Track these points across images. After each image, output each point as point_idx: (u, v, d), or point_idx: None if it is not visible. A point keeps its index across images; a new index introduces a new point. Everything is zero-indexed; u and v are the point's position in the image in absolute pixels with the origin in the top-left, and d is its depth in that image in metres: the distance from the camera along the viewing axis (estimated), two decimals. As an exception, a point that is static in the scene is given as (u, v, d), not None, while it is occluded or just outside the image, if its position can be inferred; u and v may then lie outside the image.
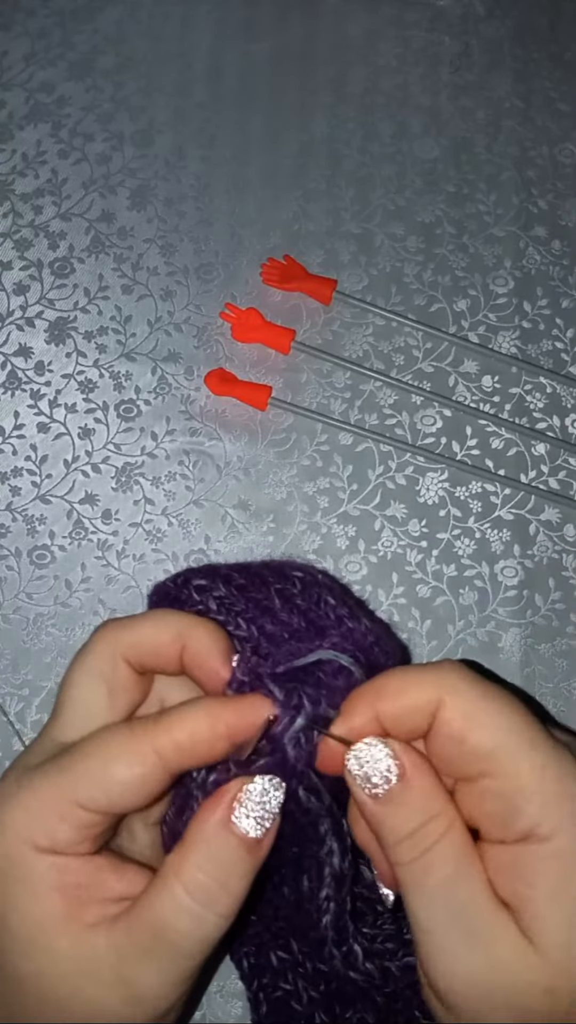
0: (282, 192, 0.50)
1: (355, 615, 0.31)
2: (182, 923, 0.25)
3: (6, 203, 0.49)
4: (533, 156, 0.51)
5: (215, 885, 0.26)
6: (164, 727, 0.27)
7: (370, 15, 0.54)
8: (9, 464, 0.45)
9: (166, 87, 0.52)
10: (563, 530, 0.44)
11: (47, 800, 0.26)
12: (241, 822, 0.26)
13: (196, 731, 0.27)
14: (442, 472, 0.45)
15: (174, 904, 0.25)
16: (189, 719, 0.27)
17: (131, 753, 0.26)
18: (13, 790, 0.27)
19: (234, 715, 0.27)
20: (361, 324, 0.47)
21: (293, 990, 0.33)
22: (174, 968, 0.26)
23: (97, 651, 0.29)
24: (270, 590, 0.32)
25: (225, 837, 0.26)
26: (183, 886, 0.25)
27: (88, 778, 0.26)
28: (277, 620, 0.31)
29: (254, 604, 0.32)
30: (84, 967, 0.26)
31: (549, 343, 0.47)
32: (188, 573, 0.33)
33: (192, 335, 0.47)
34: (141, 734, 0.27)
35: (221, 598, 0.32)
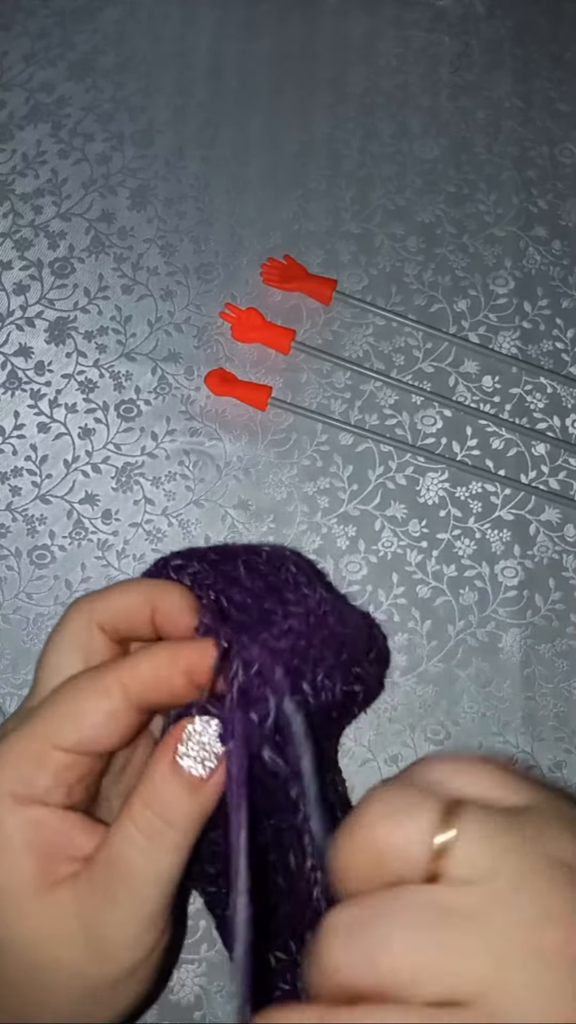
0: (282, 192, 0.50)
1: (312, 584, 0.33)
2: (135, 859, 0.26)
3: (6, 203, 0.49)
4: (533, 156, 0.51)
5: (161, 822, 0.26)
6: (128, 664, 0.28)
7: (370, 15, 0.54)
8: (9, 464, 0.45)
9: (166, 87, 0.52)
10: (563, 530, 0.44)
11: (23, 748, 0.27)
12: (183, 761, 0.27)
13: (158, 666, 0.28)
14: (442, 472, 0.45)
15: (127, 841, 0.26)
16: (151, 655, 0.28)
17: (98, 689, 0.28)
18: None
19: (192, 651, 0.28)
20: (361, 324, 0.47)
21: (292, 990, 0.33)
22: (135, 909, 0.26)
23: (71, 623, 0.30)
24: (237, 562, 0.34)
25: (168, 776, 0.27)
26: (133, 823, 0.26)
27: (59, 718, 0.27)
28: (243, 588, 0.33)
29: (223, 576, 0.33)
30: (53, 929, 0.26)
31: (549, 343, 0.47)
32: (169, 556, 0.35)
33: (192, 335, 0.47)
34: (106, 671, 0.28)
35: (194, 573, 0.33)
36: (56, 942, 0.26)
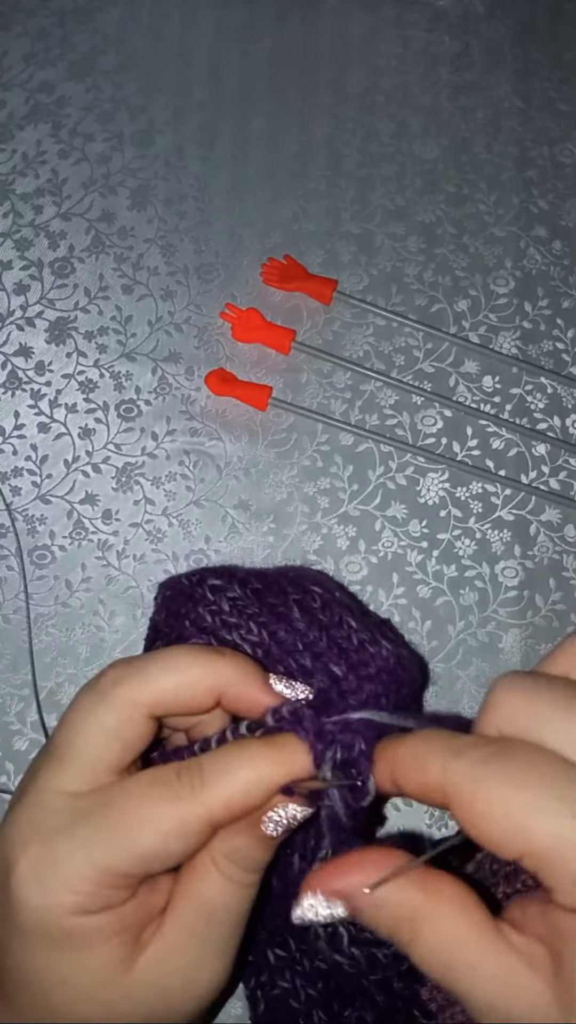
0: (282, 192, 0.50)
1: (376, 639, 0.31)
2: (223, 897, 0.26)
3: (6, 203, 0.49)
4: (533, 156, 0.51)
5: (242, 871, 0.26)
6: (212, 791, 0.25)
7: (370, 15, 0.54)
8: (9, 464, 0.45)
9: (166, 87, 0.52)
10: (564, 531, 0.44)
11: (91, 873, 0.25)
12: (267, 828, 0.26)
13: (247, 791, 0.26)
14: (443, 472, 0.45)
15: (213, 885, 0.26)
16: (237, 777, 0.26)
17: (180, 823, 0.25)
18: (47, 863, 0.25)
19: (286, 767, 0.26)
20: (361, 324, 0.47)
21: (291, 988, 0.33)
22: (219, 945, 0.27)
23: (116, 710, 0.27)
24: (287, 599, 0.32)
25: (252, 841, 0.26)
26: (218, 869, 0.26)
27: (135, 851, 0.25)
28: (292, 629, 0.31)
29: (268, 609, 0.31)
30: (148, 989, 0.26)
31: (550, 343, 0.47)
32: (204, 572, 0.33)
33: (192, 335, 0.47)
34: (189, 800, 0.25)
35: (235, 599, 0.31)
36: (148, 1002, 0.26)
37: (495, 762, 0.23)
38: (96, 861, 0.25)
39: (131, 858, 0.25)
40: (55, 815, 0.26)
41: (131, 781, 0.26)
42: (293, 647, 0.30)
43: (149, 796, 0.26)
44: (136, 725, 0.27)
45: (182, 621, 0.32)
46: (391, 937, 0.24)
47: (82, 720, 0.27)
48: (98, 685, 0.27)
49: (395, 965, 0.32)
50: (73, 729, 0.27)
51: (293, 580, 0.33)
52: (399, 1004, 0.33)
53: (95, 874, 0.25)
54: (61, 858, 0.25)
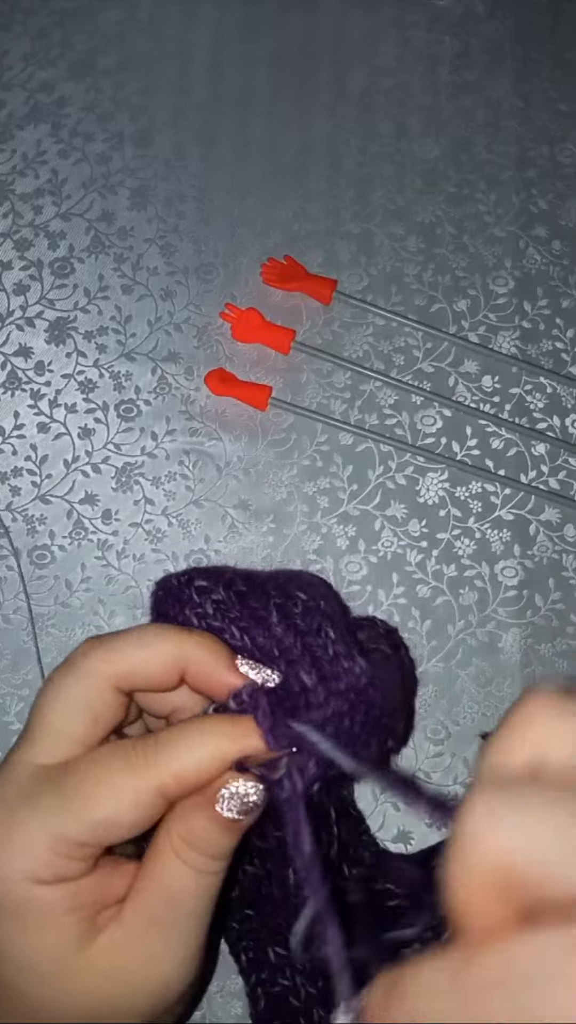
0: (282, 192, 0.50)
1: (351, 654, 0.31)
2: (184, 888, 0.26)
3: (6, 203, 0.49)
4: (533, 156, 0.51)
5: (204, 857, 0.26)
6: (164, 760, 0.26)
7: (370, 15, 0.54)
8: (9, 464, 0.45)
9: (166, 87, 0.52)
10: (563, 530, 0.44)
11: (46, 840, 0.26)
12: (223, 812, 0.26)
13: (201, 763, 0.26)
14: (442, 472, 0.45)
15: (174, 874, 0.26)
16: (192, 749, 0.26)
17: (133, 792, 0.26)
18: (6, 830, 0.26)
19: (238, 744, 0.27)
20: (361, 324, 0.47)
21: (291, 986, 0.33)
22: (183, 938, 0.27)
23: (83, 680, 0.28)
24: (269, 603, 0.32)
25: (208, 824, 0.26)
26: (179, 857, 0.26)
27: (88, 818, 0.26)
28: (271, 634, 0.31)
29: (249, 613, 0.31)
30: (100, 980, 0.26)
31: (549, 343, 0.47)
32: (193, 572, 0.33)
33: (192, 335, 0.47)
34: (143, 769, 0.26)
35: (219, 602, 0.32)
36: (102, 990, 0.26)
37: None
38: (51, 828, 0.25)
39: (85, 826, 0.25)
40: (21, 784, 0.27)
41: (94, 752, 0.27)
42: (269, 652, 0.30)
43: (106, 765, 0.26)
44: (104, 696, 0.28)
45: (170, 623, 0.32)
46: None
47: (52, 694, 0.28)
48: (69, 658, 0.28)
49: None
50: (45, 703, 0.28)
51: (280, 584, 0.33)
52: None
53: (49, 841, 0.25)
54: (19, 824, 0.26)
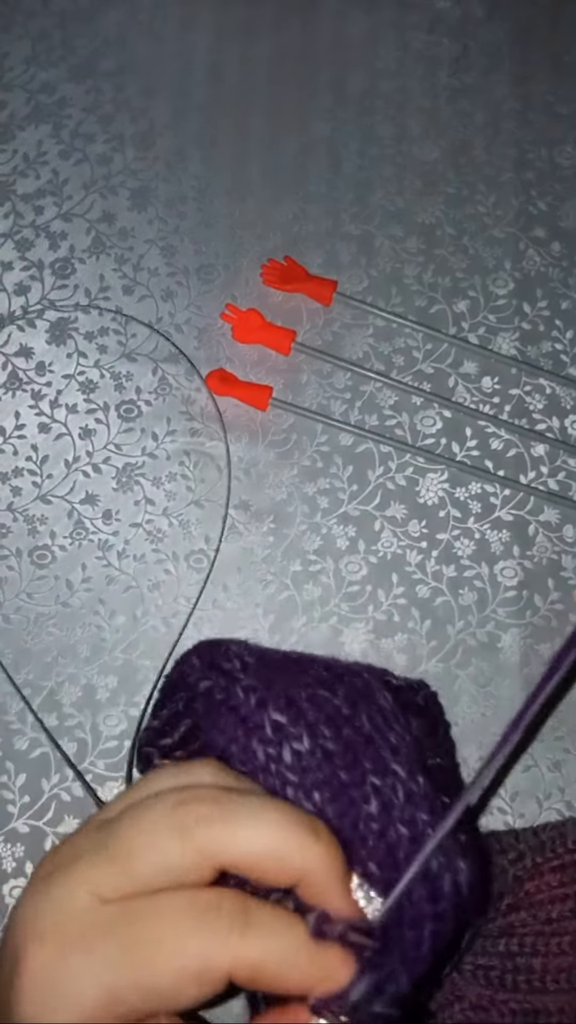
0: (282, 194, 0.50)
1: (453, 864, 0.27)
2: None
3: (7, 203, 0.49)
4: (532, 158, 0.51)
5: None
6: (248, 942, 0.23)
7: (370, 17, 0.54)
8: (10, 464, 0.45)
9: (166, 89, 0.52)
10: (562, 531, 0.44)
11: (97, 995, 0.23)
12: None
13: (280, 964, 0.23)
14: (442, 473, 0.45)
15: None
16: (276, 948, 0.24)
17: (201, 964, 0.23)
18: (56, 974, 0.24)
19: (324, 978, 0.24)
20: (361, 325, 0.48)
21: None
22: None
23: (188, 853, 0.24)
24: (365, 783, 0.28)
25: None
26: None
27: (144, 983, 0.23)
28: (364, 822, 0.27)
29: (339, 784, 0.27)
30: None
31: (549, 344, 0.47)
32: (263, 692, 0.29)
33: (193, 336, 0.47)
34: (223, 942, 0.23)
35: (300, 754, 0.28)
36: None
37: None
38: (104, 983, 0.23)
39: (140, 990, 0.23)
40: (79, 918, 0.24)
41: (165, 898, 0.24)
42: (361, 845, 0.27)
43: (182, 923, 0.23)
44: (203, 873, 0.24)
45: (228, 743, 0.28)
46: None
47: (149, 843, 0.24)
48: (179, 814, 0.24)
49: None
50: (135, 845, 0.24)
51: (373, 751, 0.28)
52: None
53: (99, 996, 0.23)
54: (71, 972, 0.23)
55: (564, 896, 0.33)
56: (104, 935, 0.23)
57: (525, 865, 0.34)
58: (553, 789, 0.41)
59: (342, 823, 0.27)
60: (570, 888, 0.33)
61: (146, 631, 0.42)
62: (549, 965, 0.32)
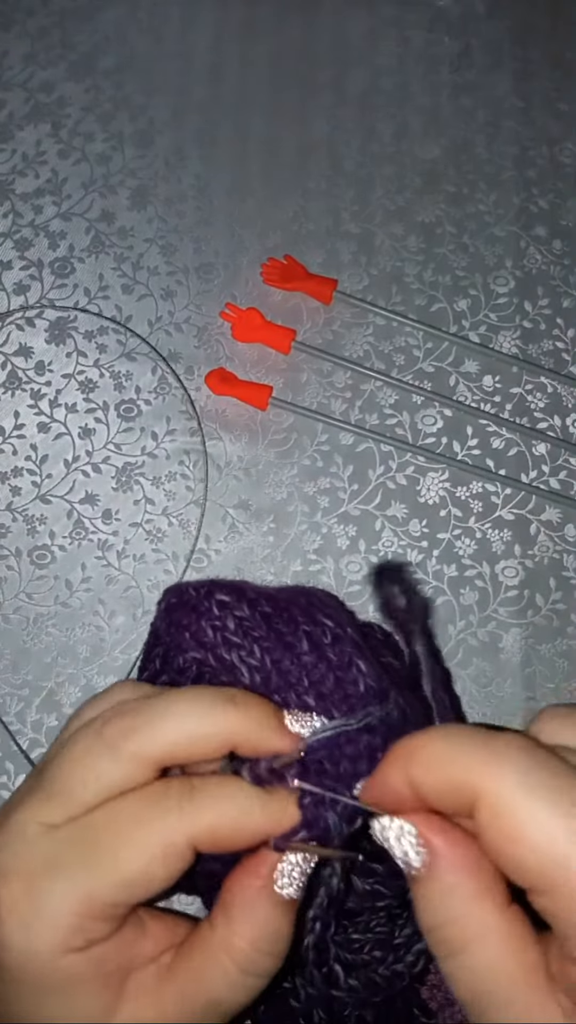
0: (282, 192, 0.50)
1: (384, 689, 0.30)
2: (234, 994, 0.25)
3: (6, 203, 0.49)
4: (533, 156, 0.51)
5: (265, 957, 0.25)
6: (199, 812, 0.25)
7: (370, 15, 0.54)
8: (9, 464, 0.45)
9: (166, 87, 0.52)
10: (564, 530, 0.44)
11: (75, 906, 0.24)
12: (284, 890, 0.25)
13: (235, 826, 0.25)
14: (443, 472, 0.45)
15: (227, 980, 0.25)
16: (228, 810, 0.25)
17: (164, 844, 0.24)
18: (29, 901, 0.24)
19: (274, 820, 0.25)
20: (362, 324, 0.47)
21: (291, 987, 0.33)
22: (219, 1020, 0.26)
23: (121, 764, 0.25)
24: (298, 628, 0.31)
25: (270, 907, 0.25)
26: (234, 963, 0.25)
27: (118, 877, 0.24)
28: (298, 661, 0.30)
29: (276, 636, 0.30)
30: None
31: (550, 343, 0.47)
32: (213, 585, 0.32)
33: (192, 335, 0.47)
34: (176, 818, 0.25)
35: (241, 619, 0.30)
36: None
37: (545, 773, 0.21)
38: (80, 892, 0.24)
39: (115, 886, 0.24)
40: (37, 847, 0.25)
41: (113, 803, 0.25)
42: (296, 681, 0.29)
43: (132, 816, 0.25)
44: (141, 777, 0.26)
45: (182, 632, 0.31)
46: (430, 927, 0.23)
47: (84, 768, 0.26)
48: (104, 734, 0.26)
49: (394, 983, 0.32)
50: (72, 775, 0.26)
51: (305, 609, 0.32)
52: (399, 1003, 0.33)
53: (78, 906, 0.24)
54: (43, 895, 0.24)
55: None
56: (64, 852, 0.24)
57: None
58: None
59: (280, 667, 0.29)
60: None
61: (146, 631, 0.42)
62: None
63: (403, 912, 0.33)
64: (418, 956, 0.32)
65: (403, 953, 0.32)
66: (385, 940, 0.32)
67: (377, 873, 0.35)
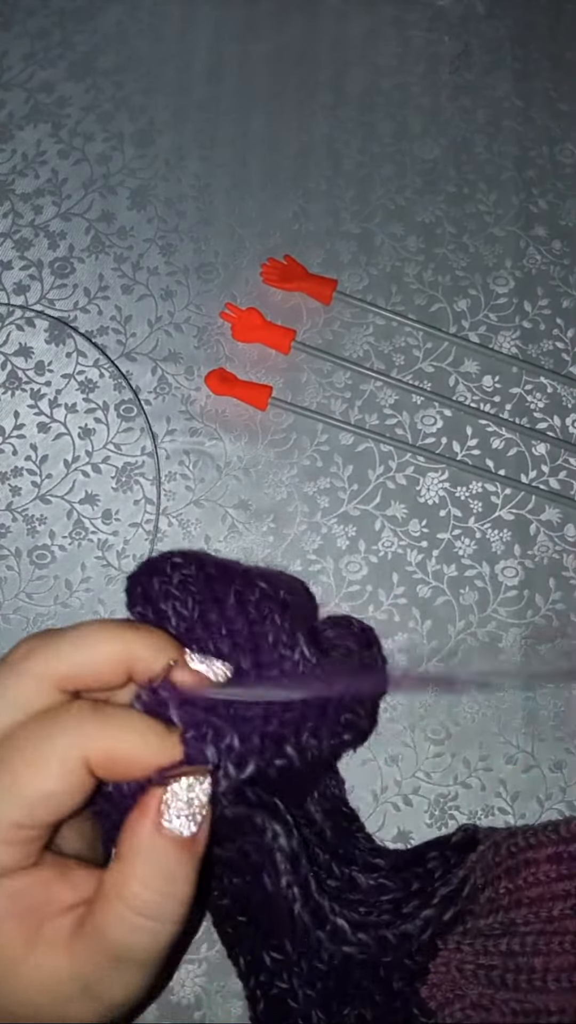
0: (282, 192, 0.50)
1: (295, 643, 0.31)
2: (137, 940, 0.25)
3: (6, 203, 0.49)
4: (533, 156, 0.51)
5: (160, 897, 0.25)
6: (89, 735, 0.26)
7: (370, 15, 0.54)
8: (9, 464, 0.45)
9: (166, 87, 0.52)
10: (564, 530, 0.44)
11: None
12: (172, 823, 0.25)
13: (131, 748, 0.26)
14: (442, 472, 0.45)
15: (125, 926, 0.25)
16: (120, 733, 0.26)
17: (59, 760, 0.25)
18: None
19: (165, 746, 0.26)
20: (361, 324, 0.47)
21: (289, 988, 0.33)
22: (139, 976, 0.26)
23: (23, 680, 0.27)
24: (230, 587, 0.33)
25: (160, 844, 0.25)
26: (129, 907, 0.25)
27: (19, 793, 0.25)
28: (222, 614, 0.32)
29: (210, 593, 0.32)
30: (50, 989, 0.25)
31: (550, 343, 0.47)
32: (174, 551, 0.34)
33: (192, 335, 0.47)
34: (71, 740, 0.26)
35: (186, 576, 0.33)
36: (54, 999, 0.25)
37: None
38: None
39: (17, 804, 0.25)
40: None
41: (20, 727, 0.26)
42: (216, 631, 0.31)
43: (34, 732, 0.26)
44: (45, 698, 0.27)
45: (135, 589, 0.33)
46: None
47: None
48: (8, 657, 0.27)
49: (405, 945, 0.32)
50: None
51: (248, 574, 0.34)
52: (398, 1003, 0.33)
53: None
54: None
55: (565, 893, 0.33)
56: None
57: (517, 843, 0.34)
58: (555, 789, 0.41)
59: (207, 619, 0.31)
60: (569, 883, 0.33)
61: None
62: (550, 964, 0.32)
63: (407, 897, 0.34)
64: (427, 922, 0.33)
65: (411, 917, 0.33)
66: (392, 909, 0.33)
67: (380, 868, 0.35)
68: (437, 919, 0.33)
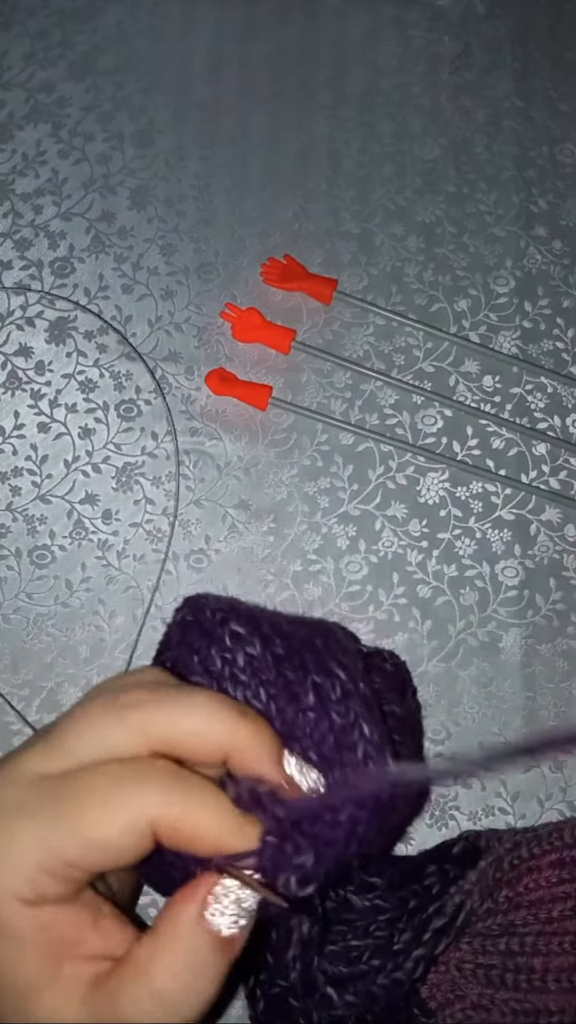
0: (282, 192, 0.50)
1: (383, 757, 0.29)
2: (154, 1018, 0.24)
3: (6, 203, 0.49)
4: (533, 156, 0.51)
5: (183, 991, 0.24)
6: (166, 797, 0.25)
7: (370, 15, 0.54)
8: (9, 464, 0.45)
9: (166, 87, 0.52)
10: (564, 530, 0.44)
11: (38, 855, 0.24)
12: (216, 919, 0.25)
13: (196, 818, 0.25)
14: (443, 472, 0.45)
15: (141, 1009, 0.24)
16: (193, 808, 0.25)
17: (131, 819, 0.24)
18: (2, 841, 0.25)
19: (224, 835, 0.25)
20: (362, 324, 0.47)
21: (289, 987, 0.33)
22: None
23: (124, 732, 0.26)
24: (307, 679, 0.30)
25: (199, 935, 0.24)
26: (149, 992, 0.24)
27: (81, 834, 0.24)
28: (302, 715, 0.29)
29: (284, 683, 0.30)
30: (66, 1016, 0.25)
31: (550, 343, 0.47)
32: (230, 613, 0.31)
33: (192, 335, 0.47)
34: (146, 799, 0.25)
35: (252, 657, 0.30)
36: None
37: None
38: (44, 840, 0.24)
39: (75, 843, 0.24)
40: (23, 791, 0.25)
41: (102, 766, 0.25)
42: (300, 734, 0.29)
43: (114, 780, 0.25)
44: (135, 751, 0.26)
45: (192, 655, 0.30)
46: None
47: (89, 726, 0.26)
48: (119, 698, 0.26)
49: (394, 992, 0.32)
50: (77, 730, 0.26)
51: (319, 656, 0.31)
52: (399, 1003, 0.33)
53: (39, 854, 0.24)
54: (14, 835, 0.25)
55: (565, 895, 0.33)
56: (44, 800, 0.25)
57: (520, 855, 0.34)
58: (555, 789, 0.41)
59: (284, 716, 0.29)
60: (570, 886, 0.33)
61: (146, 631, 0.42)
62: (550, 964, 0.32)
63: (402, 917, 0.33)
64: (417, 962, 0.32)
65: (402, 960, 0.32)
66: (384, 946, 0.32)
67: (376, 887, 0.34)
68: (428, 957, 0.32)
